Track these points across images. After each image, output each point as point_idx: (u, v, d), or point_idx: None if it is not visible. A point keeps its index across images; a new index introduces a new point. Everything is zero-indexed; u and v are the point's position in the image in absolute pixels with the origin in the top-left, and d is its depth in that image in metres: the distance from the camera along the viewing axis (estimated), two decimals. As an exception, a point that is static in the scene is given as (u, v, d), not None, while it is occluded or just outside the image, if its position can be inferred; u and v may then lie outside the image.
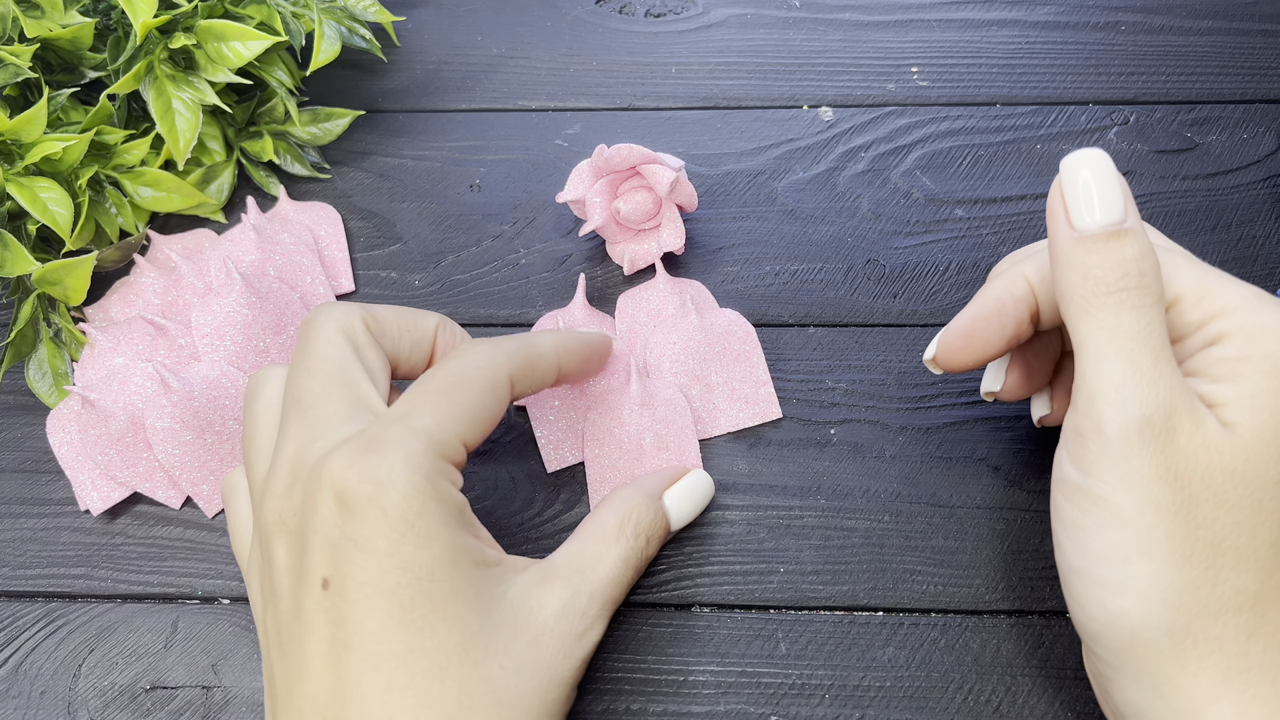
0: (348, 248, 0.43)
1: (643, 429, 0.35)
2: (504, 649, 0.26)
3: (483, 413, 0.27)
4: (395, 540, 0.24)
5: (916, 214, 0.42)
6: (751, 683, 0.32)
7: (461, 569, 0.25)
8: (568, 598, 0.28)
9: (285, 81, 0.43)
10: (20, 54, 0.39)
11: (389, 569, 0.24)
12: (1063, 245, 0.25)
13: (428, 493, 0.25)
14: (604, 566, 0.29)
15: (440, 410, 0.26)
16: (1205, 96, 0.45)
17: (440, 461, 0.26)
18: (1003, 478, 0.36)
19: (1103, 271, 0.24)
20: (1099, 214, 0.25)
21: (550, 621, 0.27)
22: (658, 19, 0.50)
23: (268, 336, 0.38)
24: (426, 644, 0.24)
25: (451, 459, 0.26)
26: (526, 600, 0.27)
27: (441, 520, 0.25)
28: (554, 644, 0.27)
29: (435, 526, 0.25)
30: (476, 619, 0.25)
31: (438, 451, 0.26)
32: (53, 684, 0.34)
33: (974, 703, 0.32)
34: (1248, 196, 0.42)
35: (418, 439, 0.25)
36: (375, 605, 0.24)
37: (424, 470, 0.25)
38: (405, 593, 0.24)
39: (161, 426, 0.35)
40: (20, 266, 0.37)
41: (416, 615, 0.24)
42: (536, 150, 0.45)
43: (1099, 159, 0.25)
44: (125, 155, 0.41)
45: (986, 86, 0.46)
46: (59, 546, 0.36)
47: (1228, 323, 0.25)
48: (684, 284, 0.40)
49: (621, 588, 0.30)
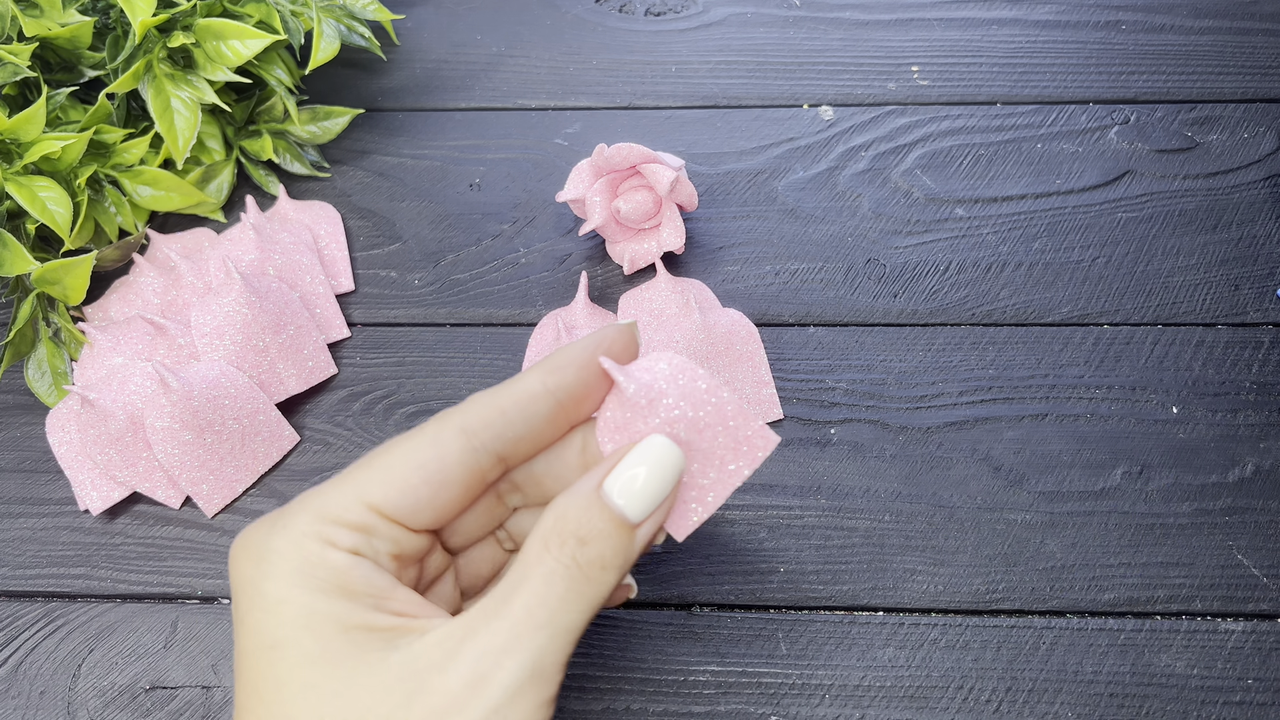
0: (347, 247, 0.43)
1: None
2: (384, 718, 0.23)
3: (411, 471, 0.25)
4: (246, 607, 0.24)
5: (917, 213, 0.42)
6: (752, 682, 0.32)
7: (320, 634, 0.23)
8: (478, 653, 0.23)
9: (284, 80, 0.43)
10: (19, 53, 0.38)
11: (243, 635, 0.24)
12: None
13: (289, 559, 0.24)
14: (518, 603, 0.23)
15: (345, 477, 0.25)
16: (1206, 96, 0.45)
17: (324, 526, 0.24)
18: (1003, 478, 0.36)
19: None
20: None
21: (457, 688, 0.23)
22: (658, 18, 0.50)
23: (267, 336, 0.38)
24: (275, 711, 0.23)
25: (345, 522, 0.24)
26: (421, 663, 0.23)
27: (298, 584, 0.23)
28: (461, 717, 0.22)
29: (286, 591, 0.23)
30: (338, 685, 0.23)
31: (324, 516, 0.24)
32: (52, 684, 0.34)
33: (974, 703, 0.32)
34: (1248, 196, 0.42)
35: (302, 509, 0.25)
36: (238, 675, 0.24)
37: (293, 537, 0.24)
38: (253, 663, 0.24)
39: (161, 426, 0.35)
40: (19, 266, 0.37)
41: (265, 686, 0.23)
42: (536, 149, 0.45)
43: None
44: (124, 154, 0.40)
45: (987, 86, 0.46)
46: (58, 546, 0.36)
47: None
48: (686, 283, 0.40)
49: (555, 626, 0.23)
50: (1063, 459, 0.36)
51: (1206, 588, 0.33)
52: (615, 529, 0.24)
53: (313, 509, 0.24)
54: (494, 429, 0.25)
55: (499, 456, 0.26)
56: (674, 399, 0.26)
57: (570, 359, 0.26)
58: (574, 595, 0.24)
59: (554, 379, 0.26)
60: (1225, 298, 0.39)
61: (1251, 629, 0.33)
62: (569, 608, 0.24)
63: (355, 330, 0.41)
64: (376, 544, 0.25)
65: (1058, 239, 0.41)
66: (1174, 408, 0.37)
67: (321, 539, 0.24)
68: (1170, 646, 0.33)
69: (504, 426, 0.26)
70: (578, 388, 0.26)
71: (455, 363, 0.39)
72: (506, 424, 0.26)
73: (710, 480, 0.27)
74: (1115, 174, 0.43)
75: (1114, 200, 0.42)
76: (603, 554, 0.24)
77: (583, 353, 0.26)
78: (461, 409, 0.26)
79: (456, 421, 0.25)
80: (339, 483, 0.25)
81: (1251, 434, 0.36)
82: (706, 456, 0.27)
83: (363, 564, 0.24)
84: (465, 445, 0.25)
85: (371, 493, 0.25)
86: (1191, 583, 0.34)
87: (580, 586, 0.24)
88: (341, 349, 0.40)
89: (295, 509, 0.25)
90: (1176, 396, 0.37)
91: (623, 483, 0.25)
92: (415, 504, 0.25)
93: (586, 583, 0.24)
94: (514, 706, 0.23)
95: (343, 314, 0.41)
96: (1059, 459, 0.36)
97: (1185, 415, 0.37)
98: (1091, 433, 0.36)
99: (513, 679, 0.23)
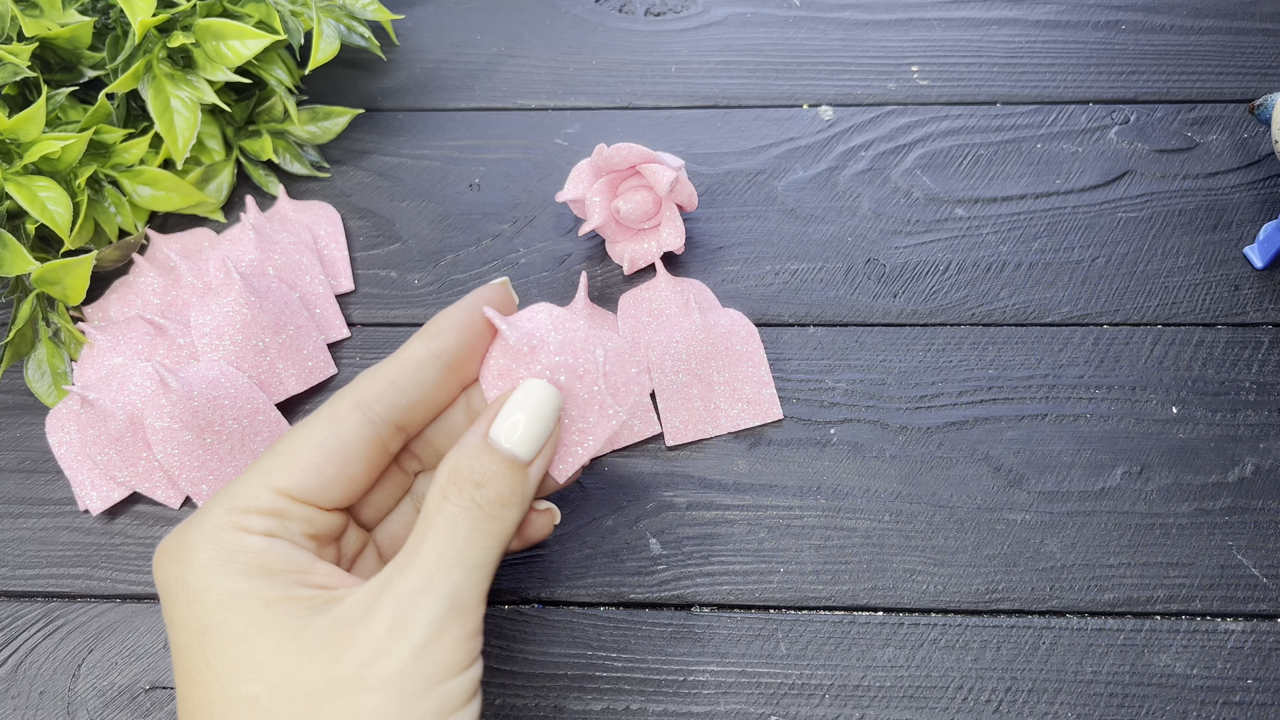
0: (347, 247, 0.43)
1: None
2: (312, 678, 0.23)
3: (313, 451, 0.26)
4: (173, 603, 0.24)
5: (917, 213, 0.42)
6: (751, 683, 0.32)
7: (243, 611, 0.24)
8: (396, 599, 0.24)
9: (284, 80, 0.43)
10: (19, 53, 0.38)
11: (174, 632, 0.24)
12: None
13: (206, 550, 0.24)
14: (427, 548, 0.24)
15: (252, 468, 0.26)
16: (1206, 96, 0.45)
17: (236, 515, 0.25)
18: (1002, 478, 0.36)
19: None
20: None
21: (381, 634, 0.23)
22: (658, 18, 0.50)
23: (266, 336, 0.38)
24: (210, 692, 0.24)
25: (257, 509, 0.25)
26: (344, 620, 0.24)
27: (218, 571, 0.24)
28: (387, 661, 0.23)
29: (207, 579, 0.24)
30: (265, 654, 0.23)
31: (235, 507, 0.25)
32: (52, 684, 0.34)
33: (974, 703, 0.32)
34: (1248, 196, 0.42)
35: (214, 504, 0.25)
36: (175, 669, 0.25)
37: (208, 530, 0.25)
38: (185, 652, 0.24)
39: (160, 426, 0.35)
40: (19, 266, 0.37)
41: (197, 669, 0.24)
42: (536, 149, 0.45)
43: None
44: (124, 154, 0.40)
45: (987, 85, 0.46)
46: (58, 546, 0.36)
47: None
48: (685, 283, 0.40)
49: (467, 562, 0.25)
50: (1062, 459, 0.36)
51: (1206, 588, 0.33)
52: (508, 469, 0.26)
53: (224, 503, 0.25)
54: (386, 399, 0.27)
55: (396, 426, 0.27)
56: (555, 347, 0.28)
57: (451, 321, 0.27)
58: (480, 533, 0.25)
59: (437, 343, 0.27)
60: (1225, 298, 0.39)
61: (1251, 629, 0.33)
62: (477, 545, 0.25)
63: (355, 330, 0.41)
64: (290, 526, 0.25)
65: (1057, 239, 0.41)
66: (1174, 407, 0.37)
67: (236, 527, 0.25)
68: (1170, 646, 0.33)
69: (396, 396, 0.27)
70: (461, 348, 0.27)
71: (455, 363, 0.39)
72: (398, 393, 0.27)
73: (590, 424, 0.29)
74: (1115, 174, 0.43)
75: (1114, 200, 0.42)
76: (501, 492, 0.26)
77: (461, 314, 0.27)
78: (353, 386, 0.27)
79: (350, 398, 0.26)
80: (246, 474, 0.26)
81: (1251, 434, 0.36)
82: (585, 402, 0.28)
83: (279, 544, 0.25)
84: (361, 419, 0.26)
85: (278, 478, 0.25)
86: (1191, 583, 0.34)
87: (485, 524, 0.25)
88: (341, 349, 0.40)
89: (207, 506, 0.25)
90: (1176, 396, 0.37)
91: (508, 427, 0.26)
92: (322, 483, 0.26)
93: (489, 520, 0.25)
94: (439, 641, 0.24)
95: (342, 314, 0.41)
96: (1059, 459, 0.36)
97: (1185, 415, 0.37)
98: (1091, 433, 0.36)
99: (433, 616, 0.24)
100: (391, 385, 0.27)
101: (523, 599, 0.34)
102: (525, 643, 0.34)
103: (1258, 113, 0.41)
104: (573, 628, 0.34)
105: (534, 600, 0.34)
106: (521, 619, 0.34)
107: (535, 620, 0.34)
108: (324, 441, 0.26)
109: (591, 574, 0.35)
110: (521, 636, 0.34)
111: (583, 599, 0.34)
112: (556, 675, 0.33)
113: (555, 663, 0.33)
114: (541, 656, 0.33)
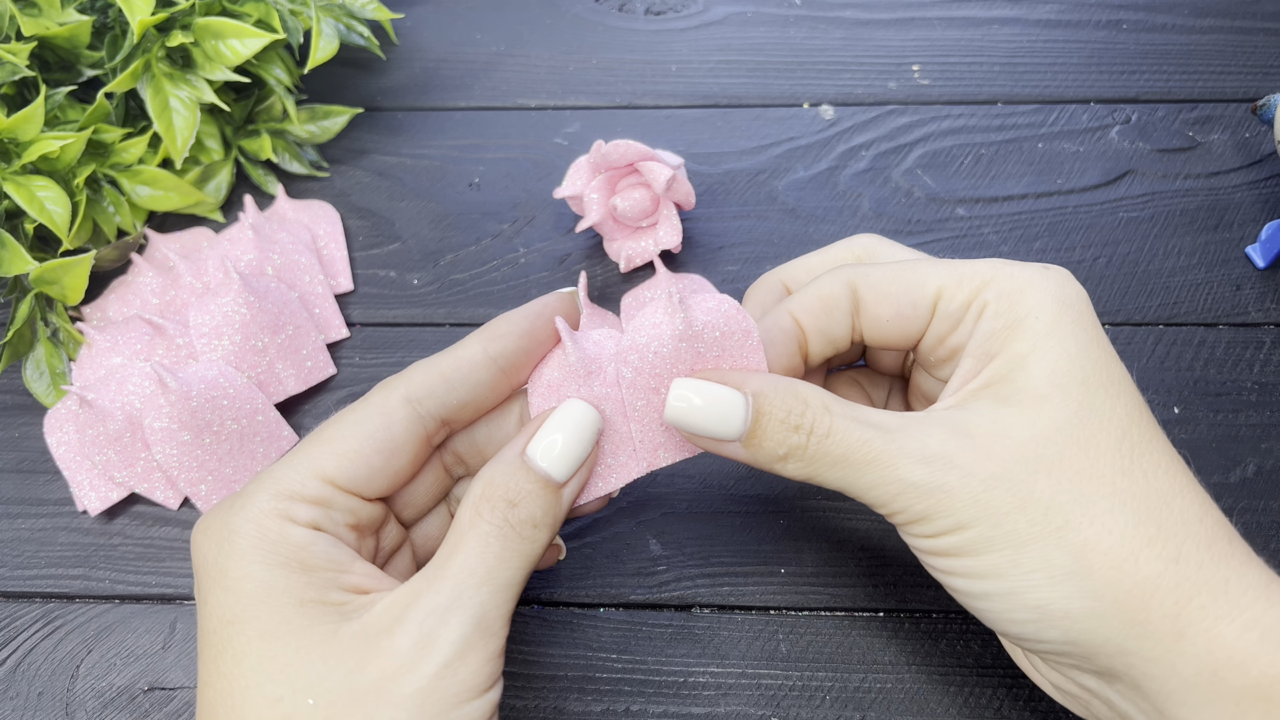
0: (346, 246, 0.43)
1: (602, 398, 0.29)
2: (335, 686, 0.23)
3: (361, 442, 0.26)
4: (208, 587, 0.24)
5: (918, 213, 0.42)
6: (752, 684, 0.32)
7: (277, 607, 0.24)
8: (424, 614, 0.24)
9: (283, 79, 0.43)
10: (17, 52, 0.38)
11: (205, 615, 0.24)
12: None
13: (248, 536, 0.24)
14: (457, 563, 0.24)
15: (299, 452, 0.26)
16: (1207, 95, 0.45)
17: (282, 503, 0.25)
18: (1004, 478, 0.36)
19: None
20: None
21: (406, 648, 0.23)
22: (658, 17, 0.49)
23: (265, 336, 0.37)
24: (234, 685, 0.24)
25: (303, 496, 0.25)
26: (371, 630, 0.24)
27: (258, 560, 0.24)
28: (410, 677, 0.23)
29: (246, 568, 0.24)
30: (294, 655, 0.23)
31: (281, 492, 0.25)
32: (50, 685, 0.34)
33: (975, 703, 0.32)
34: (1250, 195, 0.42)
35: (260, 488, 0.25)
36: (200, 652, 0.25)
37: (252, 516, 0.25)
38: (213, 639, 0.24)
39: (159, 426, 0.35)
40: (18, 265, 0.37)
41: (224, 659, 0.24)
42: (536, 149, 0.45)
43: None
44: (123, 154, 0.40)
45: (988, 85, 0.46)
46: (57, 547, 0.36)
47: (989, 292, 0.26)
48: (685, 279, 0.40)
49: (496, 582, 0.24)
50: (1064, 459, 0.36)
51: (1208, 589, 0.33)
52: (542, 489, 0.26)
53: (270, 487, 0.25)
54: (437, 395, 0.27)
55: (443, 421, 0.27)
56: (611, 377, 0.27)
57: (512, 326, 0.27)
58: (509, 553, 0.25)
59: (495, 346, 0.27)
60: (1227, 298, 0.39)
61: (1253, 630, 0.33)
62: (506, 564, 0.25)
63: (354, 330, 0.41)
64: (334, 515, 0.25)
65: (1059, 239, 0.41)
66: (1175, 408, 0.37)
67: (281, 515, 0.25)
68: (1172, 648, 0.32)
69: (447, 393, 0.27)
70: (518, 355, 0.27)
71: (454, 363, 0.39)
72: (449, 390, 0.27)
73: (619, 462, 0.28)
74: (1116, 174, 0.43)
75: (1115, 200, 0.42)
76: (533, 513, 0.25)
77: (524, 320, 0.27)
78: (405, 377, 0.27)
79: (401, 390, 0.26)
80: (293, 459, 0.26)
81: (1253, 434, 0.36)
82: (620, 441, 0.28)
83: (322, 539, 0.25)
84: (411, 413, 0.26)
85: (325, 466, 0.25)
86: (1193, 584, 0.33)
87: (514, 544, 0.25)
88: (340, 349, 0.40)
89: (253, 489, 0.25)
90: (1178, 396, 0.37)
91: (545, 445, 0.26)
92: (368, 473, 0.26)
93: (520, 540, 0.25)
94: (463, 661, 0.24)
95: (342, 314, 0.41)
96: (1060, 459, 0.36)
97: (1186, 415, 0.37)
98: (1093, 433, 0.36)
99: (459, 635, 0.24)
100: (444, 382, 0.27)
101: (523, 599, 0.34)
102: (525, 643, 0.33)
103: (1260, 113, 0.40)
104: (573, 628, 0.34)
105: (534, 601, 0.34)
106: (521, 619, 0.34)
107: (535, 621, 0.34)
108: (373, 433, 0.26)
109: (591, 575, 0.35)
110: (521, 637, 0.34)
111: (583, 600, 0.34)
112: (557, 676, 0.33)
113: (555, 664, 0.33)
114: (542, 657, 0.33)
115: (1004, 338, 0.25)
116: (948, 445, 0.24)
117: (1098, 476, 0.24)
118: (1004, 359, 0.25)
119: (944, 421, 0.25)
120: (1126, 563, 0.23)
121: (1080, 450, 0.24)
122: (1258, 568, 0.23)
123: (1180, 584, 0.23)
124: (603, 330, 0.29)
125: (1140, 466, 0.24)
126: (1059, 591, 0.23)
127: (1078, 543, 0.23)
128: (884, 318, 0.27)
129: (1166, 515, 0.23)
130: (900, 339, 0.28)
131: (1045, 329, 0.25)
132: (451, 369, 0.27)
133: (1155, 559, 0.23)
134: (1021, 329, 0.25)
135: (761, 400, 0.26)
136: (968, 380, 0.26)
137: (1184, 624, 0.22)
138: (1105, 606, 0.23)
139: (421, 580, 0.24)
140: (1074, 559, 0.23)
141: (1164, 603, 0.23)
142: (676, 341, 0.26)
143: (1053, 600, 0.23)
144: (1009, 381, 0.25)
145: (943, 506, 0.24)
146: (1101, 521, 0.23)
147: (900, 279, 0.27)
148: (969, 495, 0.24)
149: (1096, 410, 0.24)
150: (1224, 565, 0.23)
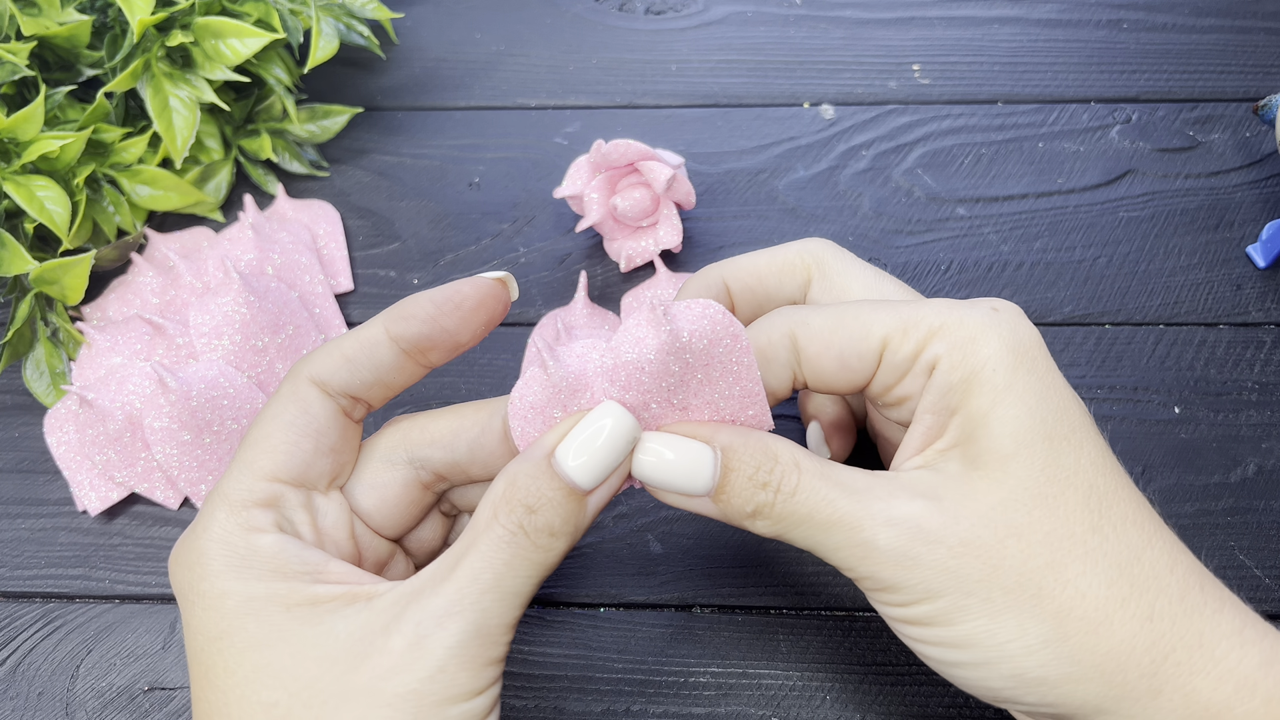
0: (346, 246, 0.43)
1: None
2: (329, 685, 0.23)
3: (285, 433, 0.26)
4: (189, 609, 0.24)
5: (918, 213, 0.42)
6: (752, 684, 0.32)
7: (264, 617, 0.23)
8: (422, 616, 0.23)
9: (283, 79, 0.43)
10: (17, 51, 0.38)
11: (191, 635, 0.24)
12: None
13: (218, 557, 0.24)
14: (465, 567, 0.24)
15: (234, 464, 0.26)
16: (1208, 95, 0.45)
17: (239, 514, 0.25)
18: (1004, 478, 0.36)
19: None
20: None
21: (401, 649, 0.23)
22: (658, 16, 0.49)
23: (265, 336, 0.37)
24: (229, 695, 0.24)
25: (255, 502, 0.25)
26: (368, 628, 0.23)
27: (233, 577, 0.24)
28: (403, 678, 0.23)
29: (223, 585, 0.24)
30: (287, 660, 0.23)
31: (235, 504, 0.25)
32: (50, 685, 0.34)
33: (976, 704, 0.32)
34: (1250, 195, 0.42)
35: (214, 508, 0.25)
36: (192, 673, 0.25)
37: (216, 536, 0.25)
38: (202, 656, 0.24)
39: (159, 426, 0.35)
40: (17, 265, 0.37)
41: (216, 674, 0.24)
42: (536, 148, 0.45)
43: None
44: (123, 153, 0.40)
45: (988, 84, 0.46)
46: (56, 547, 0.36)
47: (939, 344, 0.25)
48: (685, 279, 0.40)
49: (501, 590, 0.24)
50: (1064, 459, 0.36)
51: (1209, 589, 0.33)
52: (565, 497, 0.24)
53: (222, 505, 0.25)
54: (341, 375, 0.26)
55: (354, 398, 0.27)
56: (600, 393, 0.26)
57: (418, 309, 0.26)
58: (521, 561, 0.24)
59: (397, 328, 0.26)
60: (1227, 297, 0.39)
61: (1254, 630, 0.33)
62: (515, 573, 0.24)
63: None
64: (292, 513, 0.25)
65: (1059, 238, 0.41)
66: (1176, 408, 0.37)
67: (243, 527, 0.25)
68: (1172, 648, 0.32)
69: (350, 374, 0.26)
70: (420, 340, 0.26)
71: (454, 363, 0.39)
72: (353, 371, 0.26)
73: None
74: (1117, 173, 0.43)
75: (1116, 199, 0.42)
76: (551, 522, 0.24)
77: (430, 305, 0.26)
78: (308, 360, 0.27)
79: (306, 373, 0.26)
80: (231, 472, 0.26)
81: (1254, 434, 0.36)
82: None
83: (291, 543, 0.25)
84: (320, 393, 0.26)
85: (263, 465, 0.25)
86: (1193, 584, 0.33)
87: (527, 553, 0.24)
88: (340, 349, 0.40)
89: (208, 510, 0.25)
90: (1178, 396, 0.37)
91: (575, 449, 0.25)
92: (304, 459, 0.26)
93: (534, 549, 0.24)
94: (458, 664, 0.23)
95: (342, 314, 0.41)
96: (1060, 459, 0.36)
97: (1187, 415, 0.37)
98: (1093, 433, 0.36)
99: (455, 640, 0.23)
100: (348, 363, 0.26)
101: (522, 600, 0.34)
102: (525, 643, 0.33)
103: (1262, 113, 0.40)
104: (573, 629, 0.34)
105: (534, 601, 0.34)
106: (521, 619, 0.34)
107: (535, 621, 0.34)
108: (294, 420, 0.26)
109: (591, 574, 0.35)
110: (521, 637, 0.34)
111: (583, 600, 0.34)
112: (557, 676, 0.33)
113: (555, 664, 0.33)
114: (541, 657, 0.33)
115: (962, 392, 0.25)
116: (914, 509, 0.24)
117: (1069, 536, 0.23)
118: (965, 416, 0.25)
119: (911, 484, 0.25)
120: (1102, 626, 0.23)
121: (1048, 510, 0.24)
122: (1230, 613, 0.23)
123: (1155, 643, 0.23)
124: (584, 342, 0.27)
125: (1109, 521, 0.24)
126: (1035, 660, 0.23)
127: (1053, 609, 0.23)
128: (827, 370, 0.26)
129: (1138, 571, 0.23)
130: (845, 387, 0.27)
131: (1004, 382, 0.24)
132: (354, 349, 0.26)
133: (1130, 619, 0.23)
134: (979, 382, 0.24)
135: (730, 455, 0.25)
136: (932, 438, 0.26)
137: (1160, 681, 0.22)
138: (1083, 671, 0.23)
139: (426, 578, 0.24)
140: (1050, 627, 0.23)
141: (1140, 662, 0.22)
142: (663, 355, 0.25)
143: (1029, 669, 0.23)
144: (973, 441, 0.24)
145: (911, 575, 0.24)
146: (1075, 585, 0.23)
147: (843, 328, 0.26)
148: (938, 562, 0.23)
149: (1062, 465, 0.24)
150: (1197, 617, 0.23)
